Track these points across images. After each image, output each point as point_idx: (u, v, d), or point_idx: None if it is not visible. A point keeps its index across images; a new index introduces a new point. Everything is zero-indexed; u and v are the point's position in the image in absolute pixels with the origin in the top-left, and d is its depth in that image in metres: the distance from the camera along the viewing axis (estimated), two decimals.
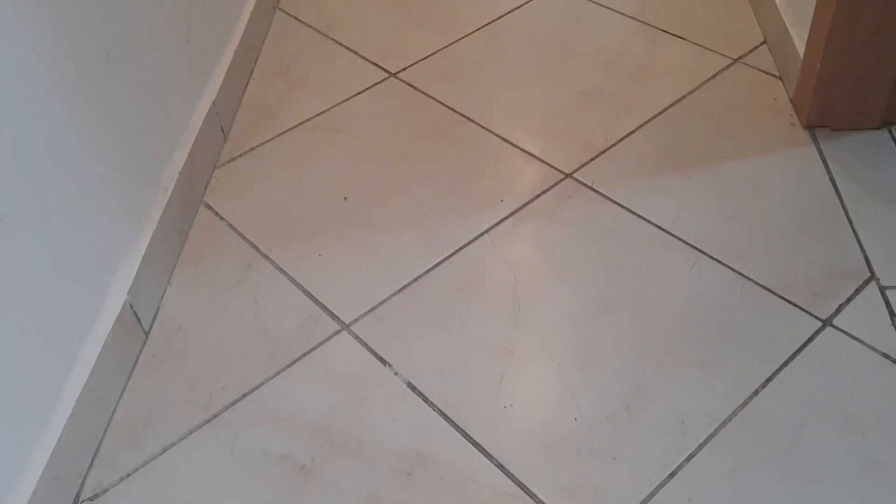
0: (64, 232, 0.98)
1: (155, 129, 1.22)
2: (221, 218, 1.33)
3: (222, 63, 1.48)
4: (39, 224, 0.93)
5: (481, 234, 1.26)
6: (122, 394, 1.08)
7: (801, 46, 1.40)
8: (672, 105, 1.46)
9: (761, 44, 1.57)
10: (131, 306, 1.11)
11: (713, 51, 1.57)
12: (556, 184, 1.33)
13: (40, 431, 0.93)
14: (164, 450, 1.02)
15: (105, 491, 0.99)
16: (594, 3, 1.73)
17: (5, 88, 0.87)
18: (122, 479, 1.00)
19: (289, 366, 1.11)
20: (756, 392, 1.02)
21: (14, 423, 0.89)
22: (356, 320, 1.15)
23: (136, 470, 1.01)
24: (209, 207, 1.35)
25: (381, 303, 1.18)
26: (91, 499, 0.98)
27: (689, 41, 1.60)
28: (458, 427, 1.02)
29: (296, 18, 1.77)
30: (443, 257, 1.23)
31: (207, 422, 1.05)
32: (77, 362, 1.01)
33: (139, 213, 1.17)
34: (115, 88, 1.10)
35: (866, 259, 1.16)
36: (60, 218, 0.97)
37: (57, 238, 0.97)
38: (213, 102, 1.41)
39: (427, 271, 1.21)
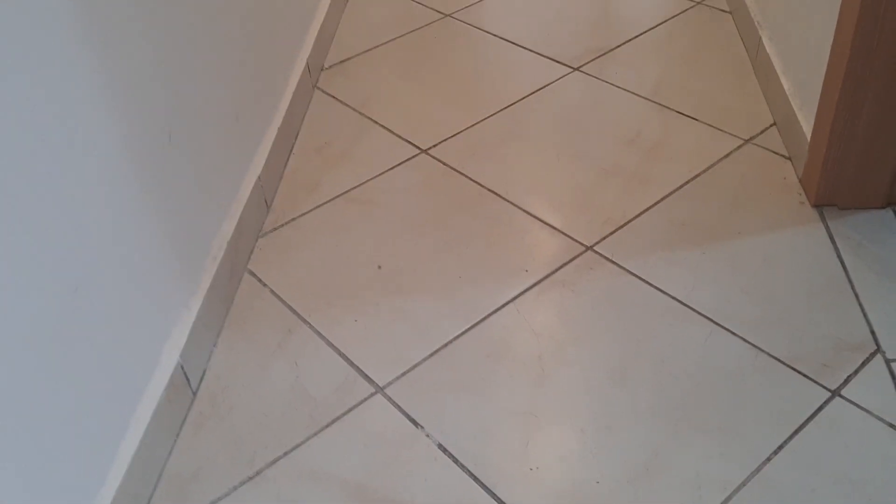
0: (126, 297, 1.07)
1: (207, 202, 1.32)
2: (264, 284, 1.42)
3: (266, 140, 1.60)
4: (108, 291, 1.02)
5: (507, 303, 1.34)
6: (171, 451, 1.16)
7: (808, 130, 1.49)
8: (686, 183, 1.55)
9: (771, 125, 1.67)
10: (182, 368, 1.19)
11: (725, 132, 1.66)
12: (578, 256, 1.41)
13: (99, 486, 1.01)
14: (211, 503, 1.09)
15: None
16: (610, 84, 1.84)
17: (82, 164, 0.97)
18: None
19: (327, 426, 1.18)
20: (769, 458, 1.08)
21: (76, 478, 0.96)
22: (390, 383, 1.23)
23: None
24: (252, 274, 1.44)
25: (414, 366, 1.25)
26: None
27: (701, 122, 1.70)
28: (487, 488, 1.08)
29: (333, 97, 1.89)
30: (471, 324, 1.31)
31: (251, 478, 1.12)
32: (133, 421, 1.09)
33: (191, 279, 1.26)
34: (174, 165, 1.21)
35: (872, 332, 1.23)
36: (125, 285, 1.07)
37: (120, 304, 1.06)
38: (259, 177, 1.52)
39: (457, 337, 1.29)
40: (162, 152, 1.17)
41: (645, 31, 2.01)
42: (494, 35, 2.06)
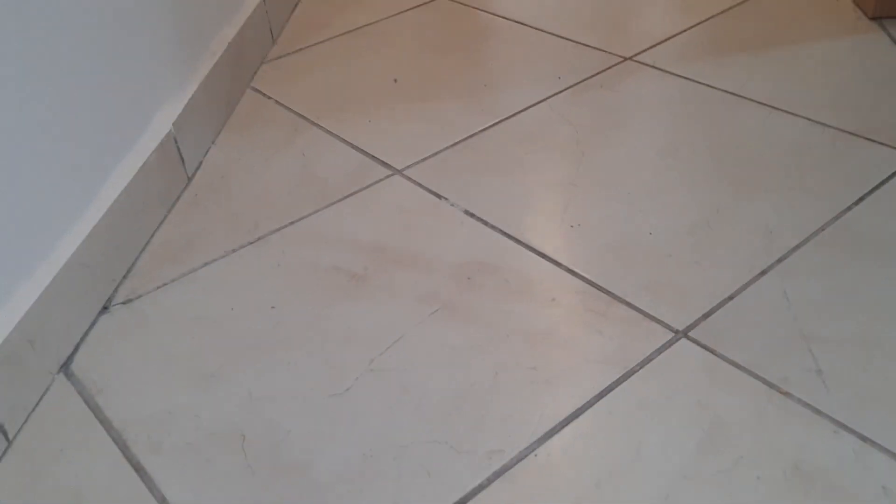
0: (120, 42, 0.95)
1: None
2: (268, 97, 1.29)
3: None
4: (103, 26, 0.90)
5: (539, 102, 1.21)
6: (161, 223, 1.02)
7: None
8: (733, 7, 1.42)
9: None
10: (175, 141, 1.06)
11: None
12: (616, 64, 1.28)
13: (74, 220, 0.87)
14: (205, 264, 0.95)
15: (139, 297, 0.91)
16: None
17: None
18: (158, 287, 0.92)
19: (338, 201, 1.04)
20: (848, 208, 0.94)
21: (52, 201, 0.83)
22: (409, 167, 1.09)
23: (174, 280, 0.93)
24: (256, 90, 1.31)
25: (436, 153, 1.12)
26: (124, 302, 0.90)
27: None
28: (522, 242, 0.94)
29: None
30: (500, 119, 1.18)
31: (251, 243, 0.98)
32: (118, 167, 0.95)
33: (188, 62, 1.13)
34: None
35: None
36: (117, 26, 0.94)
37: (116, 46, 0.93)
38: (264, 1, 1.40)
39: (483, 129, 1.16)
40: None
41: None
42: None
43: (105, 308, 0.89)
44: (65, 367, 0.82)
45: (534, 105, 1.20)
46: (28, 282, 0.79)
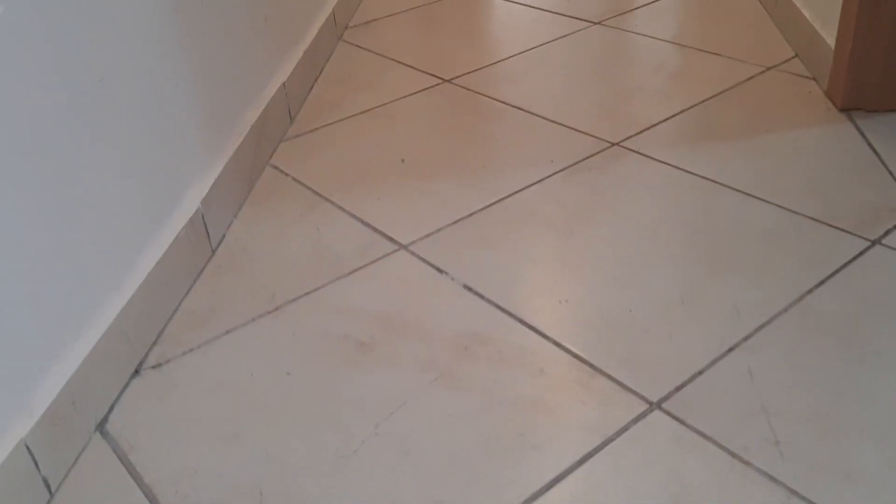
0: (159, 128, 1.06)
1: (235, 84, 1.33)
2: (286, 174, 1.40)
3: (293, 56, 1.62)
4: (135, 98, 1.02)
5: (533, 184, 1.32)
6: (187, 292, 1.12)
7: (832, 44, 1.50)
8: (712, 97, 1.54)
9: (792, 57, 1.68)
10: (202, 217, 1.17)
11: (746, 62, 1.67)
12: (604, 150, 1.40)
13: (111, 294, 0.97)
14: (227, 332, 1.05)
15: (168, 361, 1.01)
16: (630, 31, 1.87)
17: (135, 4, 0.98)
18: (184, 353, 1.02)
19: (349, 273, 1.14)
20: (811, 290, 1.04)
21: (90, 280, 0.93)
22: (413, 242, 1.20)
23: (199, 346, 1.03)
24: (275, 167, 1.43)
25: (438, 230, 1.22)
26: (154, 367, 1.00)
27: (723, 56, 1.71)
28: (514, 315, 1.04)
29: (357, 46, 1.92)
30: (496, 199, 1.29)
31: (270, 312, 1.08)
32: (153, 241, 1.06)
33: (216, 143, 1.25)
34: (208, 27, 1.22)
35: None
36: (156, 112, 1.06)
37: (147, 119, 1.05)
38: (284, 84, 1.53)
39: (482, 209, 1.27)
40: (196, 15, 1.18)
41: None
42: (516, 2, 2.11)
43: (137, 371, 0.99)
44: (101, 427, 0.92)
45: (528, 186, 1.31)
46: (74, 347, 0.89)
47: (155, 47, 1.07)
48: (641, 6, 2.01)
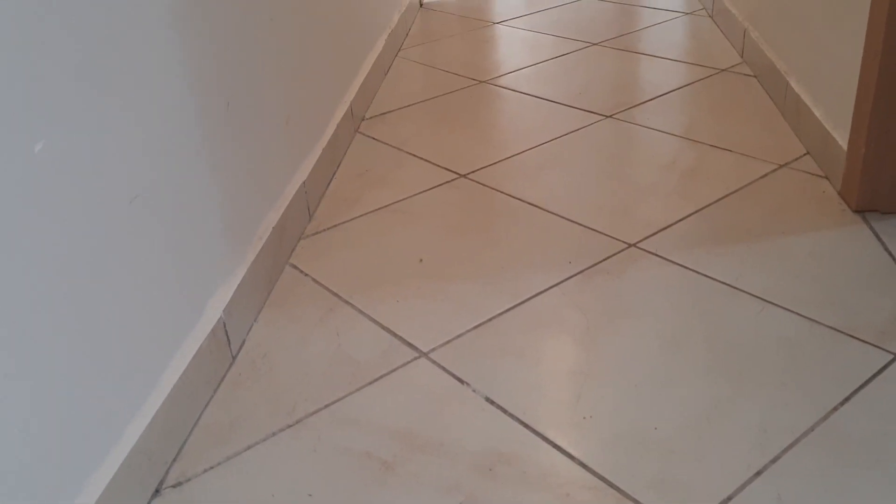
0: (181, 238, 1.08)
1: (256, 188, 1.35)
2: (305, 274, 1.41)
3: (313, 153, 1.65)
4: (165, 215, 1.03)
5: (552, 287, 1.32)
6: (207, 403, 1.12)
7: (844, 144, 1.52)
8: (726, 196, 1.56)
9: (804, 154, 1.70)
10: (224, 325, 1.17)
11: (759, 159, 1.70)
12: (621, 251, 1.41)
13: (134, 414, 0.96)
14: (248, 448, 1.04)
15: (188, 480, 1.00)
16: (642, 126, 1.90)
17: (161, 115, 1.01)
18: (205, 470, 1.01)
19: (369, 383, 1.14)
20: (836, 408, 1.03)
21: (112, 400, 0.93)
22: (433, 350, 1.20)
23: (220, 464, 1.02)
24: (294, 267, 1.44)
25: (458, 336, 1.22)
26: (174, 486, 0.99)
27: (735, 152, 1.74)
28: (538, 432, 1.03)
29: (373, 138, 1.96)
30: (516, 303, 1.29)
31: (290, 426, 1.07)
32: (176, 356, 1.06)
33: (237, 250, 1.26)
34: (231, 136, 1.25)
35: None
36: (182, 227, 1.08)
37: (175, 235, 1.06)
38: (304, 183, 1.55)
39: (501, 313, 1.27)
40: (221, 118, 1.21)
41: (672, 91, 2.10)
42: (528, 94, 2.16)
43: (157, 491, 0.98)
44: None
45: (547, 289, 1.32)
46: (96, 474, 0.88)
47: (183, 163, 1.09)
48: (652, 99, 2.05)
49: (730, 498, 0.91)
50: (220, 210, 1.20)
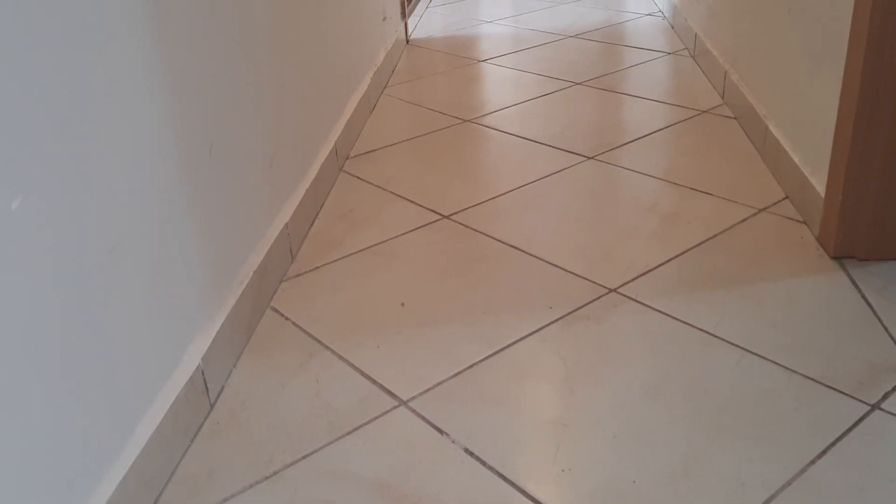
0: (161, 287, 1.07)
1: (237, 231, 1.35)
2: (286, 318, 1.41)
3: (297, 194, 1.65)
4: (144, 264, 1.03)
5: (532, 333, 1.33)
6: (184, 453, 1.11)
7: (821, 190, 1.54)
8: (706, 241, 1.57)
9: (783, 199, 1.72)
10: (202, 373, 1.17)
11: (739, 202, 1.71)
12: (601, 296, 1.42)
13: (109, 467, 0.96)
14: (225, 500, 1.03)
15: None
16: (624, 168, 1.92)
17: (141, 163, 1.01)
18: None
19: (348, 433, 1.13)
20: (813, 461, 1.03)
21: (87, 455, 0.92)
22: (413, 398, 1.19)
23: None
24: (275, 310, 1.44)
25: (438, 384, 1.22)
26: None
27: (715, 196, 1.75)
28: (517, 486, 1.03)
29: (357, 177, 1.96)
30: (496, 350, 1.29)
31: (267, 478, 1.06)
32: (153, 406, 1.05)
33: (217, 295, 1.26)
34: (213, 181, 1.25)
35: None
36: (161, 277, 1.07)
37: (153, 284, 1.06)
38: (286, 224, 1.56)
39: (481, 360, 1.27)
40: (203, 166, 1.21)
41: (653, 132, 2.13)
42: (511, 134, 2.17)
43: None
44: None
45: (528, 335, 1.32)
46: None
47: (164, 211, 1.09)
48: (634, 140, 2.07)
49: None
50: (200, 256, 1.20)
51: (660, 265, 1.50)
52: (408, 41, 3.10)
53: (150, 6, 1.05)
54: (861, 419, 1.10)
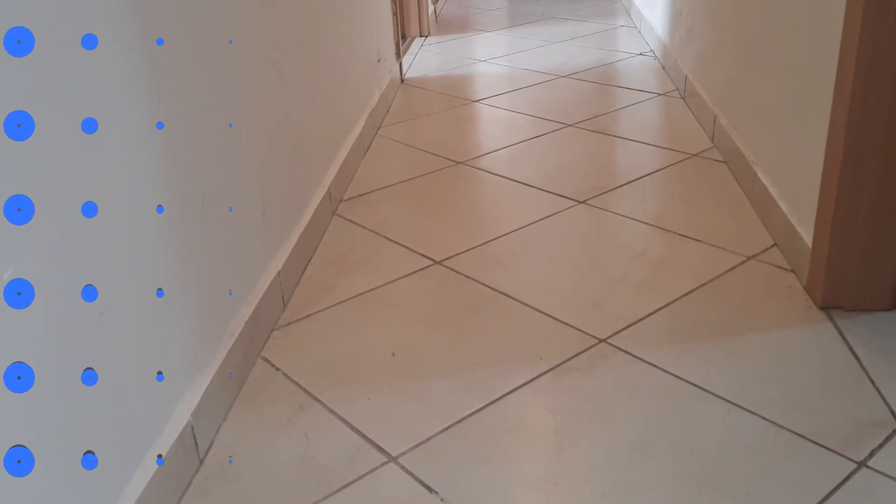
0: (148, 343, 1.08)
1: (230, 283, 1.36)
2: (277, 368, 1.41)
3: (289, 242, 1.66)
4: (133, 325, 1.04)
5: (522, 385, 1.33)
6: None
7: (808, 240, 1.56)
8: (694, 289, 1.59)
9: (771, 246, 1.74)
10: (192, 429, 1.17)
11: (728, 250, 1.73)
12: (591, 347, 1.42)
13: None
14: None
15: None
16: (614, 213, 1.93)
17: (131, 224, 1.03)
18: None
19: (336, 491, 1.13)
20: None
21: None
22: (403, 454, 1.20)
23: None
24: (266, 360, 1.44)
25: (428, 439, 1.22)
26: None
27: (704, 242, 1.77)
28: None
29: (350, 221, 1.98)
30: (486, 403, 1.30)
31: None
32: (141, 466, 1.05)
33: (208, 349, 1.27)
34: (206, 235, 1.26)
35: (892, 412, 1.22)
36: (150, 335, 1.08)
37: (143, 344, 1.07)
38: (279, 273, 1.57)
39: (471, 414, 1.27)
40: (195, 223, 1.23)
41: (644, 176, 2.15)
42: (504, 177, 2.19)
43: None
44: None
45: (518, 388, 1.33)
46: None
47: (157, 271, 1.10)
48: (624, 184, 2.09)
49: None
50: (191, 312, 1.21)
51: (649, 314, 1.51)
52: (402, 80, 3.13)
53: (141, 64, 1.07)
54: (848, 477, 1.10)
